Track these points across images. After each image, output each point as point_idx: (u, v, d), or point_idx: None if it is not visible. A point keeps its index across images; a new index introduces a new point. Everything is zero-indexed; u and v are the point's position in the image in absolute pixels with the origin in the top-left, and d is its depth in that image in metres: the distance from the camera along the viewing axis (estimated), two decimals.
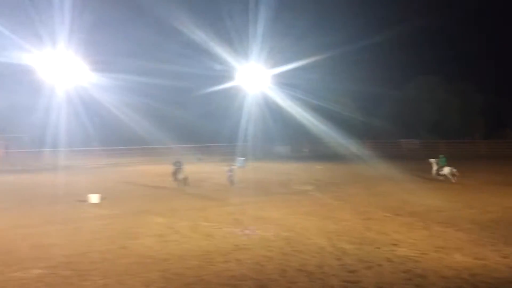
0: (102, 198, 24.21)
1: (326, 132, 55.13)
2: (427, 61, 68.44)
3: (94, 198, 23.99)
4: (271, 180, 33.42)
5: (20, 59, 43.45)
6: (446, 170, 31.36)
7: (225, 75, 56.14)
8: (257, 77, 55.09)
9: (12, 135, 47.66)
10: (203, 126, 61.83)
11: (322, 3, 66.45)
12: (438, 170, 32.24)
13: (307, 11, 63.70)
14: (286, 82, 57.49)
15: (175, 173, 30.88)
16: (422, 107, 66.92)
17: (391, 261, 13.36)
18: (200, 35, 53.47)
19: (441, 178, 31.45)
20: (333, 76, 62.18)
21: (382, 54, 65.95)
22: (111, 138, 52.66)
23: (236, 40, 56.41)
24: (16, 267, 13.40)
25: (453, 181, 30.42)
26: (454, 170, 30.93)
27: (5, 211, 21.76)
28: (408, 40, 68.39)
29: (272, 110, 58.68)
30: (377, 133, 64.81)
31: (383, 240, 15.78)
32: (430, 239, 15.94)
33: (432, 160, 33.30)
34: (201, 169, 40.02)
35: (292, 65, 54.69)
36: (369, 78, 64.89)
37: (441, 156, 33.47)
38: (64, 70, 43.86)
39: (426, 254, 14.07)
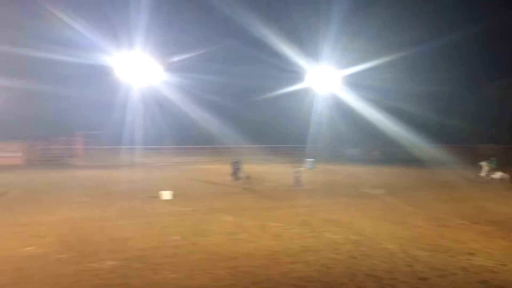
0: (174, 195, 24.85)
1: (399, 134, 53.62)
2: (506, 60, 64.84)
3: (166, 195, 24.68)
4: (341, 182, 32.95)
5: (99, 60, 45.59)
6: (498, 174, 30.14)
7: (295, 77, 56.00)
8: (327, 78, 54.51)
9: (91, 132, 49.97)
10: (272, 127, 62.01)
11: (395, 1, 64.62)
12: (488, 172, 31.18)
13: (379, 9, 62.13)
14: (357, 83, 56.51)
15: (235, 173, 31.65)
16: (502, 110, 63.60)
17: (466, 271, 12.77)
18: (271, 36, 53.70)
19: (490, 180, 30.27)
20: (408, 76, 60.41)
21: (459, 53, 63.17)
22: (183, 136, 53.96)
23: (307, 41, 56.17)
24: (92, 258, 14.02)
25: (501, 185, 29.14)
26: (506, 175, 29.65)
27: (84, 205, 22.83)
28: (487, 39, 65.15)
29: (343, 112, 57.83)
30: (454, 136, 62.18)
31: (458, 248, 15.11)
32: (509, 249, 15.09)
33: (483, 163, 32.27)
34: (269, 169, 40.16)
35: (364, 65, 53.66)
36: (445, 78, 62.54)
37: (492, 158, 32.30)
38: (140, 70, 45.43)
39: (505, 265, 13.33)
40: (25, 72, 52.21)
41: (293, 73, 55.63)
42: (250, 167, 33.84)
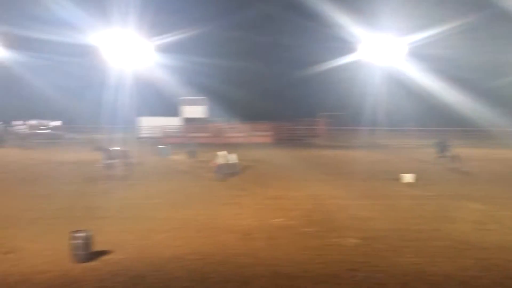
0: (416, 178, 24.02)
1: None
2: None
3: (407, 178, 24.03)
4: None
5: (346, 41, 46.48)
6: None
7: None
8: None
9: (333, 113, 51.43)
10: None
11: None
12: None
13: None
14: None
15: (441, 151, 29.30)
16: None
17: None
18: None
19: None
20: None
21: None
22: (428, 118, 51.49)
23: None
24: (334, 234, 14.55)
25: None
26: None
27: (326, 183, 23.72)
28: None
29: None
30: None
31: None
32: None
33: None
34: None
35: None
36: None
37: None
38: (383, 50, 44.76)
39: None
40: (278, 58, 56.70)
41: None
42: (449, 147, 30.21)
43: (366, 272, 11.44)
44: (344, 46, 46.68)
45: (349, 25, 45.37)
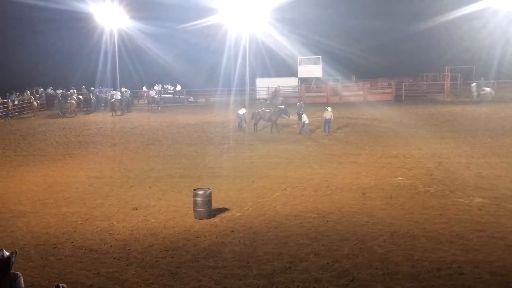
0: None
1: None
2: None
3: None
4: None
5: None
6: None
7: None
8: None
9: (459, 67, 47.85)
10: None
11: None
12: None
13: None
14: None
15: None
16: None
17: None
18: None
19: None
20: None
21: None
22: None
23: None
24: (458, 193, 13.78)
25: None
26: None
27: (450, 140, 22.37)
28: None
29: None
30: None
31: None
32: None
33: None
34: None
35: None
36: None
37: None
38: None
39: None
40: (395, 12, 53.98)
41: None
42: None
43: (493, 232, 10.70)
44: None
45: None
